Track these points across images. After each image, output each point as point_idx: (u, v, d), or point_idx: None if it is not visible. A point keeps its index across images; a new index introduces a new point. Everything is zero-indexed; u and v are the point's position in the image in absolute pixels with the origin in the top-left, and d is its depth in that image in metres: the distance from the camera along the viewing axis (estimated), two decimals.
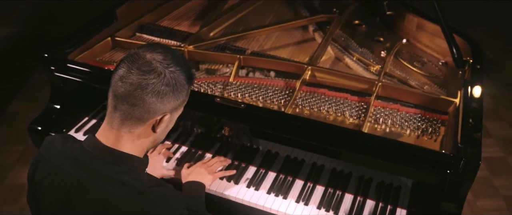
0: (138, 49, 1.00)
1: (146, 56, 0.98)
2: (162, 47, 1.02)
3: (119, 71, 0.98)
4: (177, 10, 2.12)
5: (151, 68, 0.96)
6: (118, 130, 1.00)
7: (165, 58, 0.99)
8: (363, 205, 1.40)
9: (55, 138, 1.07)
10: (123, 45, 1.84)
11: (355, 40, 1.94)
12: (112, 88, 0.99)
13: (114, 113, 1.00)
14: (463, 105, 1.43)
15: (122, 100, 0.97)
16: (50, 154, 1.03)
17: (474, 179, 1.21)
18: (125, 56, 1.01)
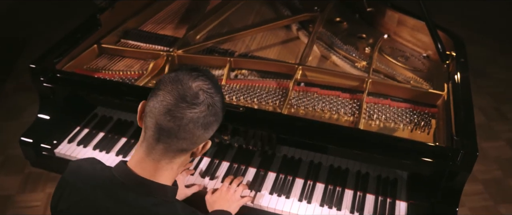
0: (178, 74, 0.97)
1: (192, 86, 0.95)
2: (202, 71, 1.00)
3: (163, 102, 0.94)
4: (159, 14, 2.10)
5: (200, 100, 0.94)
6: (158, 161, 0.98)
7: (209, 86, 0.97)
8: (363, 200, 1.44)
9: (81, 164, 1.04)
10: (109, 52, 1.81)
11: (339, 37, 1.98)
12: (156, 120, 0.95)
13: (156, 145, 0.97)
14: (453, 97, 1.50)
15: (170, 134, 0.95)
16: (78, 181, 1.00)
17: (471, 170, 1.27)
18: (165, 81, 0.96)
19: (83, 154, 1.56)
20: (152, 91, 0.99)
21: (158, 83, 0.99)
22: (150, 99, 0.98)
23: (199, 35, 1.93)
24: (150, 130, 0.96)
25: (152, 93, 0.98)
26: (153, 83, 1.66)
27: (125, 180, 0.97)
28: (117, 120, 1.69)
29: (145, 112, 0.99)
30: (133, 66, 1.76)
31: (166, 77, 0.98)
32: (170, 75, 0.98)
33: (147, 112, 0.97)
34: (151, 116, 0.96)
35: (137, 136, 1.59)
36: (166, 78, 0.98)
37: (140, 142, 1.01)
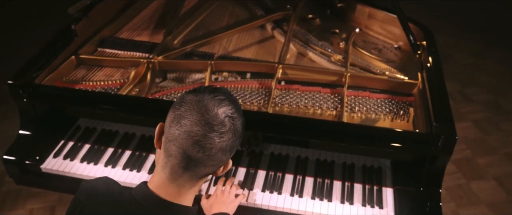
0: (201, 99, 0.96)
1: (218, 113, 0.95)
2: (223, 93, 1.00)
3: (191, 133, 0.93)
4: (133, 21, 2.09)
5: (227, 127, 0.95)
6: (183, 186, 1.00)
7: (233, 110, 0.98)
8: (352, 189, 1.50)
9: (96, 185, 1.04)
10: (88, 62, 1.79)
11: (313, 34, 2.03)
12: (183, 150, 0.94)
13: (183, 173, 0.98)
14: (428, 85, 1.57)
15: (198, 163, 0.96)
16: (95, 203, 0.99)
17: (451, 153, 1.35)
18: (189, 108, 0.95)
19: (71, 167, 1.54)
20: (173, 114, 0.97)
21: (178, 105, 0.97)
22: (172, 125, 0.96)
23: (176, 40, 1.93)
24: (175, 159, 0.97)
25: (174, 118, 0.96)
26: (136, 91, 1.66)
27: (148, 203, 0.97)
28: (102, 131, 1.68)
29: (166, 137, 0.98)
30: (114, 75, 1.75)
31: (188, 101, 0.96)
32: (192, 98, 0.96)
33: (169, 139, 0.96)
34: (177, 145, 0.95)
35: (123, 145, 1.61)
36: (189, 103, 0.96)
37: (162, 167, 1.00)
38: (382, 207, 1.44)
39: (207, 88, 1.01)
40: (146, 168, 1.55)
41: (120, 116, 1.62)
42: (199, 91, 0.99)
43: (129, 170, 1.54)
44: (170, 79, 1.78)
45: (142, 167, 1.55)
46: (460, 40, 4.02)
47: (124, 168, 1.55)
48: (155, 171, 1.04)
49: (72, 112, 1.68)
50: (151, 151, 1.61)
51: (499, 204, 2.48)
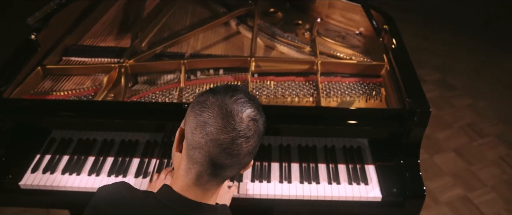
0: (224, 103, 0.93)
1: (243, 118, 0.93)
2: (244, 93, 0.97)
3: (218, 141, 0.91)
4: (95, 27, 2.03)
5: (253, 131, 0.94)
6: (209, 189, 1.00)
7: (255, 111, 0.96)
8: (336, 170, 1.56)
9: (115, 190, 1.02)
10: (55, 72, 1.73)
11: (278, 27, 2.08)
12: (210, 157, 0.93)
13: (210, 179, 0.98)
14: (396, 64, 1.66)
15: (225, 168, 0.96)
16: (116, 208, 0.97)
17: (427, 125, 1.45)
18: (212, 114, 0.92)
19: (52, 180, 1.49)
20: (195, 120, 0.94)
21: (200, 111, 0.94)
22: (195, 132, 0.94)
23: (144, 42, 1.91)
24: (200, 166, 0.96)
25: (197, 125, 0.94)
26: (111, 97, 1.63)
27: (175, 204, 0.97)
28: (79, 141, 1.64)
29: (189, 144, 0.96)
30: (85, 83, 1.70)
31: (210, 106, 0.93)
32: (214, 102, 0.94)
33: (193, 146, 0.94)
34: (202, 153, 0.94)
35: (104, 153, 1.58)
36: (211, 108, 0.93)
37: (185, 171, 0.99)
38: (367, 183, 1.51)
39: (226, 89, 0.97)
40: (131, 172, 1.53)
41: (97, 124, 1.58)
42: (218, 92, 0.96)
43: (114, 176, 1.52)
44: (141, 83, 1.77)
45: (127, 172, 1.53)
46: (404, 24, 4.22)
47: (109, 175, 1.52)
48: (176, 175, 1.02)
49: (45, 124, 1.61)
50: (134, 155, 1.59)
51: (461, 173, 2.65)
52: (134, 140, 1.64)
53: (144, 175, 1.52)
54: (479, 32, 4.08)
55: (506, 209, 2.44)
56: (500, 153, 2.79)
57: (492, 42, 3.93)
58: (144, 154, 1.60)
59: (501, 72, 3.57)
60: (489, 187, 2.56)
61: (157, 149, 1.61)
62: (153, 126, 1.61)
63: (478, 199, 2.48)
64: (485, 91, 3.33)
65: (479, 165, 2.70)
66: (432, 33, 4.10)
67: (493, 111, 3.15)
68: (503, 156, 2.77)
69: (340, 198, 1.48)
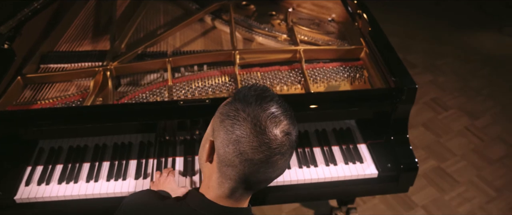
0: (256, 117, 0.89)
1: (277, 135, 0.89)
2: (276, 104, 0.93)
3: (252, 160, 0.89)
4: (68, 32, 1.97)
5: (287, 146, 0.92)
6: (244, 199, 1.00)
7: (289, 123, 0.92)
8: (331, 152, 1.62)
9: (144, 199, 1.02)
10: (37, 81, 1.67)
11: (253, 19, 2.11)
12: (245, 177, 0.91)
13: (244, 192, 0.97)
14: (375, 46, 1.74)
15: (260, 183, 0.96)
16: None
17: (414, 101, 1.53)
18: (245, 131, 0.88)
19: (49, 191, 1.45)
20: (226, 136, 0.90)
21: (231, 126, 0.90)
22: (228, 150, 0.90)
23: (123, 44, 1.88)
24: (235, 182, 0.94)
25: (229, 142, 0.90)
26: (100, 101, 1.60)
27: (210, 212, 0.96)
28: (69, 149, 1.60)
29: (221, 160, 0.93)
30: (69, 90, 1.66)
31: (241, 121, 0.89)
32: (246, 118, 0.89)
33: (227, 163, 0.92)
34: (236, 171, 0.91)
35: (99, 158, 1.55)
36: (243, 124, 0.89)
37: (218, 184, 0.96)
38: (362, 161, 1.58)
39: (258, 99, 0.92)
40: (131, 174, 1.52)
41: (88, 130, 1.54)
42: (249, 104, 0.91)
43: (113, 180, 1.50)
44: (124, 84, 1.74)
45: (126, 174, 1.52)
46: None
47: (108, 179, 1.50)
48: (208, 184, 0.99)
49: (33, 135, 1.56)
50: (130, 158, 1.57)
51: (432, 145, 2.80)
52: (127, 143, 1.62)
53: (144, 176, 1.52)
54: (432, 12, 4.28)
55: (477, 175, 2.61)
56: (464, 123, 2.97)
57: (444, 20, 4.15)
58: (140, 155, 1.58)
59: (455, 48, 3.78)
60: (459, 156, 2.72)
61: (152, 149, 1.60)
62: (146, 127, 1.59)
63: (451, 168, 2.64)
64: (442, 67, 3.52)
65: (447, 136, 2.86)
66: (387, 14, 4.25)
67: (452, 84, 3.34)
68: (467, 126, 2.95)
69: (339, 178, 1.54)
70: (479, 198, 2.47)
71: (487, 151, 2.77)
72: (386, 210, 2.39)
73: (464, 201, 2.46)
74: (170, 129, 1.58)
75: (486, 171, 2.63)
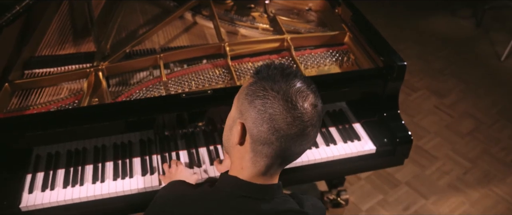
0: (287, 93, 0.91)
1: (307, 108, 0.92)
2: (300, 79, 0.95)
3: (288, 136, 0.91)
4: (47, 37, 1.91)
5: (317, 117, 0.95)
6: (276, 174, 1.01)
7: (313, 94, 0.95)
8: (330, 133, 1.67)
9: (178, 189, 1.04)
10: (25, 87, 1.62)
11: (233, 13, 2.13)
12: (281, 150, 0.93)
13: (279, 167, 0.99)
14: (359, 30, 1.81)
15: (295, 156, 0.98)
16: (191, 207, 0.97)
17: (404, 78, 1.61)
18: (276, 108, 0.90)
19: (56, 196, 1.42)
20: (258, 115, 0.92)
21: (262, 106, 0.91)
22: (262, 128, 0.92)
23: (108, 45, 1.85)
24: (271, 159, 0.96)
25: (263, 121, 0.91)
26: (96, 101, 1.58)
27: (248, 193, 0.98)
28: (68, 152, 1.56)
29: (255, 139, 0.94)
30: (61, 93, 1.62)
31: (272, 98, 0.91)
32: (276, 95, 0.91)
33: (262, 142, 0.93)
34: (273, 147, 0.93)
35: (101, 159, 1.53)
36: (275, 101, 0.91)
37: (252, 163, 0.97)
38: (359, 139, 1.65)
39: (283, 75, 0.94)
40: (137, 171, 1.51)
41: (84, 132, 1.50)
42: (277, 81, 0.93)
43: (120, 179, 1.48)
44: (114, 85, 1.72)
45: (132, 172, 1.50)
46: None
47: (115, 178, 1.48)
48: (240, 166, 0.99)
49: (27, 142, 1.50)
50: (132, 156, 1.56)
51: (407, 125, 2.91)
52: (127, 142, 1.61)
53: (151, 172, 1.51)
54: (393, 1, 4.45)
55: (451, 149, 2.76)
56: (434, 102, 3.13)
57: (400, 6, 4.33)
58: (142, 152, 1.57)
59: (414, 33, 3.97)
60: (433, 133, 2.87)
61: (154, 145, 1.59)
62: (144, 124, 1.58)
63: (427, 145, 2.78)
64: (405, 51, 3.68)
65: (420, 116, 3.01)
66: None
67: (417, 67, 3.50)
68: (436, 104, 3.11)
69: (340, 156, 1.60)
70: (456, 170, 2.62)
71: (457, 126, 2.93)
72: (373, 189, 2.48)
73: (443, 174, 2.59)
74: (170, 123, 1.57)
75: (459, 144, 2.79)
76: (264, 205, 0.97)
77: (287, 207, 1.00)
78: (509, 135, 2.87)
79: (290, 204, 1.01)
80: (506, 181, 2.56)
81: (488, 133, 2.88)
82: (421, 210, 2.38)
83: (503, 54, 3.62)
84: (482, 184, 2.53)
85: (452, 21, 4.17)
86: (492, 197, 2.46)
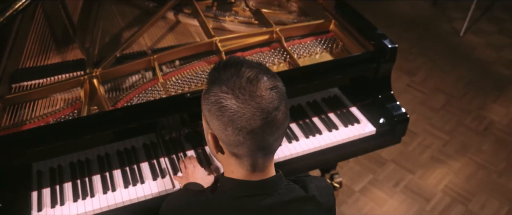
0: (237, 86, 0.89)
1: (263, 93, 0.89)
2: (247, 66, 0.92)
3: (252, 131, 0.89)
4: (27, 48, 1.83)
5: (277, 98, 0.91)
6: (268, 165, 1.00)
7: (269, 77, 0.92)
8: (329, 119, 1.72)
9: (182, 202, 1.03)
10: (17, 101, 1.55)
11: (214, 9, 2.13)
12: (256, 146, 0.92)
13: (263, 160, 0.97)
14: (345, 17, 1.86)
15: (273, 145, 0.95)
16: None
17: (395, 59, 1.68)
18: (232, 105, 0.88)
19: (68, 211, 1.37)
20: (218, 121, 0.91)
21: (219, 111, 0.90)
22: (227, 132, 0.91)
23: (95, 50, 1.80)
24: (250, 157, 0.95)
25: (226, 125, 0.90)
26: (95, 109, 1.53)
27: (249, 191, 0.98)
28: (71, 164, 1.52)
29: (227, 144, 0.94)
30: (57, 104, 1.57)
31: (226, 100, 0.89)
32: (227, 96, 0.89)
33: (234, 144, 0.93)
34: (246, 146, 0.92)
35: (107, 168, 1.49)
36: (228, 101, 0.89)
37: (238, 165, 0.98)
38: (359, 122, 1.70)
39: (229, 69, 0.92)
40: (147, 177, 1.49)
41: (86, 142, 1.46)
42: (224, 81, 0.91)
43: (132, 186, 1.46)
44: (106, 91, 1.68)
45: (143, 178, 1.48)
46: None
47: (126, 186, 1.45)
48: (231, 170, 1.00)
49: (27, 158, 1.45)
50: (139, 161, 1.54)
51: None
52: (130, 147, 1.58)
53: (162, 175, 1.49)
54: None
55: (428, 124, 2.89)
56: (406, 81, 3.26)
57: None
58: (148, 157, 1.55)
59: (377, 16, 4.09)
60: (409, 110, 2.99)
61: (160, 148, 1.57)
62: (147, 128, 1.55)
63: None
64: None
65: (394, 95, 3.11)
66: None
67: None
68: (408, 83, 3.24)
69: (344, 140, 1.65)
70: (436, 143, 2.75)
71: (430, 102, 3.07)
72: (362, 170, 2.57)
73: (424, 148, 2.72)
74: (175, 124, 1.56)
75: (434, 119, 2.93)
76: (267, 200, 0.97)
77: (292, 197, 1.00)
78: (478, 106, 3.04)
79: (296, 192, 1.01)
80: (482, 148, 2.71)
81: (459, 106, 3.04)
82: (410, 185, 2.48)
83: (461, 30, 3.82)
84: (461, 154, 2.68)
85: (411, 3, 4.33)
86: (472, 165, 2.61)
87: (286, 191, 1.01)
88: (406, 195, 2.43)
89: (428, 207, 2.37)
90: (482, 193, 2.45)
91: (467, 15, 3.76)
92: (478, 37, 3.77)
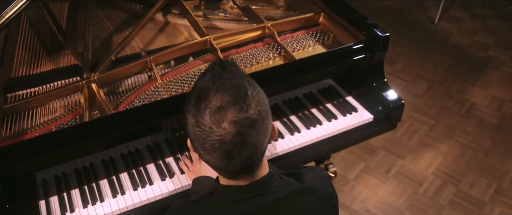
0: (202, 121, 0.88)
1: (226, 129, 0.87)
2: (220, 92, 0.89)
3: (220, 155, 0.89)
4: (18, 54, 1.79)
5: (249, 128, 0.88)
6: (257, 169, 0.99)
7: (234, 107, 0.87)
8: (328, 109, 1.75)
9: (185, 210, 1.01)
10: (15, 110, 1.53)
11: (202, 8, 2.13)
12: (235, 166, 0.92)
13: (249, 163, 0.94)
14: (333, 10, 1.90)
15: (256, 159, 0.94)
16: None
17: (388, 47, 1.73)
18: (199, 139, 0.89)
19: None
20: (197, 147, 0.93)
21: (200, 147, 0.91)
22: (199, 149, 0.93)
23: (89, 55, 1.78)
24: (231, 171, 0.96)
25: (194, 142, 0.92)
26: (97, 114, 1.52)
27: (244, 196, 0.98)
28: (75, 170, 1.50)
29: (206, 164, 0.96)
30: (56, 111, 1.55)
31: (189, 122, 0.91)
32: (191, 120, 0.90)
33: (214, 167, 0.95)
34: (221, 164, 0.92)
35: (113, 172, 1.48)
36: (199, 135, 0.89)
37: (220, 176, 1.00)
38: (357, 111, 1.75)
39: (198, 94, 0.91)
40: (155, 177, 1.49)
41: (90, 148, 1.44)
42: (192, 104, 0.92)
43: (140, 188, 1.45)
44: (106, 94, 1.66)
45: (150, 179, 1.48)
46: None
47: (135, 189, 1.45)
48: (219, 177, 1.03)
49: (29, 169, 1.42)
50: (145, 163, 1.53)
51: None
52: (134, 150, 1.57)
53: (170, 175, 1.49)
54: None
55: (413, 110, 2.98)
56: (387, 70, 3.27)
57: None
58: (154, 158, 1.55)
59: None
60: None
61: (164, 149, 1.57)
62: (149, 130, 1.55)
63: None
64: None
65: None
66: None
67: None
68: (389, 72, 3.32)
69: (344, 129, 1.69)
70: (422, 128, 2.84)
71: (413, 89, 3.16)
72: (354, 158, 2.62)
73: (412, 134, 2.80)
74: (177, 124, 1.56)
75: (419, 105, 3.01)
76: (263, 200, 0.98)
77: (287, 192, 1.00)
78: (458, 90, 3.14)
79: (291, 187, 1.01)
80: (466, 130, 2.82)
81: (440, 91, 3.13)
82: (402, 170, 2.56)
83: (435, 17, 3.93)
84: (447, 137, 2.77)
85: None
86: (459, 146, 2.71)
87: (281, 187, 1.01)
88: (398, 180, 2.50)
89: (421, 190, 2.45)
90: (471, 173, 2.54)
91: (440, 3, 3.88)
92: (452, 24, 3.90)
